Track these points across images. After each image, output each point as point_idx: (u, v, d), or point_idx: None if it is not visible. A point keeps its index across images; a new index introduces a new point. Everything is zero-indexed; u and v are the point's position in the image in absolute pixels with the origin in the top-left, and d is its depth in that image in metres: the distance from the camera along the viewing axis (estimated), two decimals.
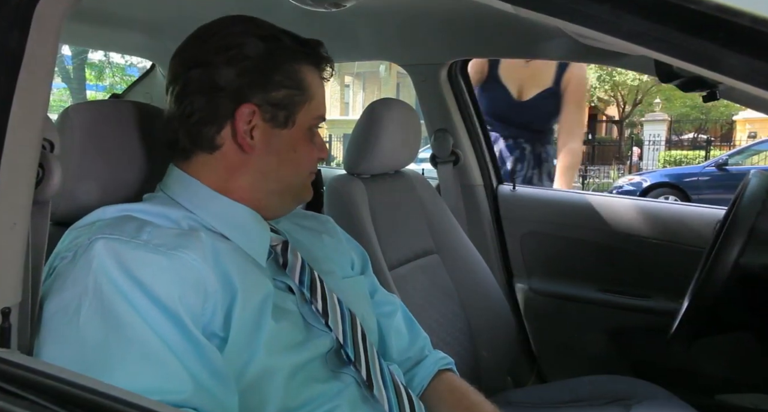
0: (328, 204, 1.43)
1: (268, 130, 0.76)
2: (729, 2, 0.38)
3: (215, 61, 0.74)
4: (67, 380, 0.53)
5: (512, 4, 0.48)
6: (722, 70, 0.42)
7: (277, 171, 0.79)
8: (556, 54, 1.70)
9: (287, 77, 0.77)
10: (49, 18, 0.61)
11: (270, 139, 0.77)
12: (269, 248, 0.79)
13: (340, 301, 0.80)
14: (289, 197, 0.82)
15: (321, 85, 0.82)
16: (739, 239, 0.92)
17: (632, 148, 15.17)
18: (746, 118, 14.09)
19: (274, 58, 0.76)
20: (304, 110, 0.78)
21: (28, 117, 0.61)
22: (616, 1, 0.42)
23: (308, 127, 0.80)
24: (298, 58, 0.78)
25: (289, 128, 0.78)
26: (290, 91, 0.77)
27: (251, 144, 0.76)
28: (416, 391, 0.89)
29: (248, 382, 0.67)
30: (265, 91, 0.75)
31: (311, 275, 0.80)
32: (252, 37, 0.76)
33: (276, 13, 0.76)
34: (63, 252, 0.67)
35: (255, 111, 0.75)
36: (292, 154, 0.79)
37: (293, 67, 0.77)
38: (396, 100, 1.48)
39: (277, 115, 0.76)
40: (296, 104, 0.78)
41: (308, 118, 0.79)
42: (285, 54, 0.77)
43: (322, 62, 0.81)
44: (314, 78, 0.80)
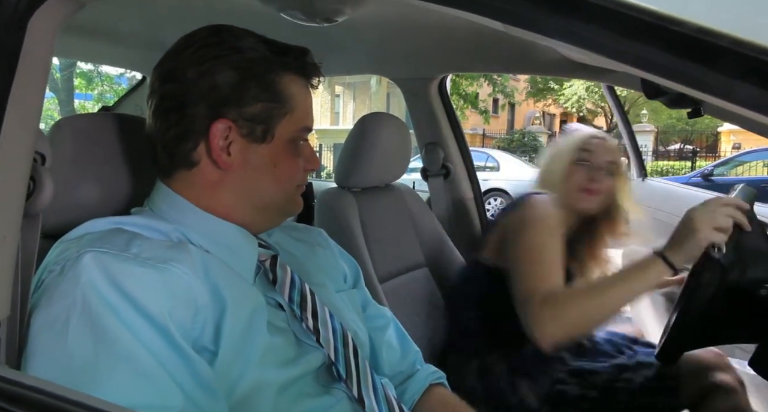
0: (318, 217, 1.44)
1: (245, 145, 0.73)
2: (710, 25, 0.39)
3: (188, 76, 0.72)
4: (55, 394, 0.52)
5: (503, 22, 0.49)
6: (703, 89, 0.43)
7: (257, 187, 0.76)
8: (545, 69, 1.72)
9: (264, 90, 0.73)
10: (44, 30, 0.61)
11: (248, 154, 0.74)
12: (258, 263, 0.78)
13: (331, 315, 0.79)
14: (274, 213, 0.80)
15: (306, 95, 0.78)
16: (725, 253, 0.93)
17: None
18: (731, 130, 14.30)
19: (250, 71, 0.73)
20: (285, 123, 0.75)
21: (20, 130, 0.61)
22: (603, 22, 0.44)
23: (290, 140, 0.76)
24: (277, 69, 0.75)
25: (268, 142, 0.74)
26: (267, 105, 0.73)
27: (227, 160, 0.73)
28: (408, 405, 0.89)
29: (239, 397, 0.67)
30: (240, 105, 0.72)
31: (302, 290, 0.78)
32: (227, 50, 0.72)
33: (268, 27, 0.76)
34: (51, 265, 0.66)
35: (230, 126, 0.72)
36: (273, 169, 0.75)
37: (271, 78, 0.74)
38: (386, 114, 1.49)
39: (255, 129, 0.73)
40: (275, 117, 0.74)
41: (290, 130, 0.76)
42: (261, 65, 0.74)
43: (306, 71, 0.77)
44: (297, 88, 0.76)
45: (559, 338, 1.12)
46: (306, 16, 1.18)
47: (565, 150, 1.37)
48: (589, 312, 1.09)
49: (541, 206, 1.29)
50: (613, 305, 1.10)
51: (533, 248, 1.21)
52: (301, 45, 0.78)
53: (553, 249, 1.22)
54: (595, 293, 1.10)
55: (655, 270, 1.04)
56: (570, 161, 1.35)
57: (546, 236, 1.23)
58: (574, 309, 1.09)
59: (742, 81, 0.41)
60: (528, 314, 1.12)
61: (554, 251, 1.21)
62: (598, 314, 1.10)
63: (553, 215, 1.27)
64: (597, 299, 1.09)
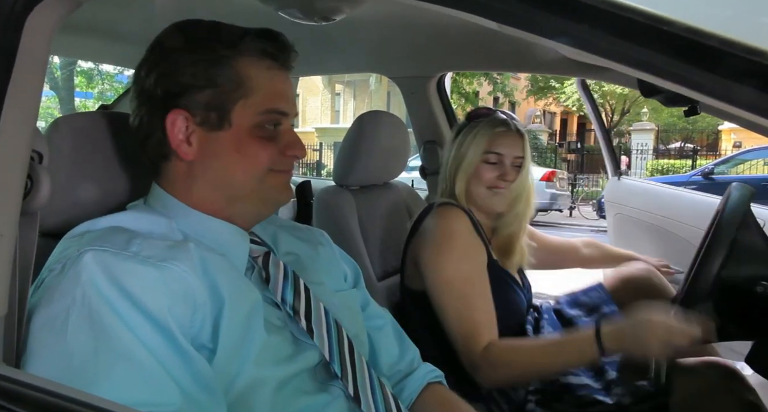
0: (317, 215, 1.44)
1: (204, 134, 0.73)
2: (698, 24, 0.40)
3: (143, 70, 0.74)
4: (53, 392, 0.53)
5: (496, 22, 0.50)
6: (696, 88, 0.43)
7: (225, 176, 0.74)
8: (543, 68, 1.72)
9: (213, 75, 0.72)
10: (41, 28, 0.62)
11: (208, 143, 0.73)
12: (251, 260, 0.78)
13: (327, 313, 0.79)
14: (255, 202, 0.77)
15: (271, 77, 0.75)
16: (720, 251, 0.94)
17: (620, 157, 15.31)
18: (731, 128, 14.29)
19: (196, 59, 0.72)
20: (241, 107, 0.73)
21: (17, 128, 0.61)
22: (593, 21, 0.44)
23: (253, 125, 0.74)
24: (230, 54, 0.73)
25: (227, 129, 0.73)
26: (216, 91, 0.72)
27: (188, 151, 0.73)
28: (406, 403, 0.89)
29: (237, 394, 0.67)
30: (189, 94, 0.72)
31: (295, 288, 0.78)
32: (174, 42, 0.74)
33: (265, 25, 0.76)
34: (52, 264, 0.67)
35: (186, 117, 0.72)
36: (236, 155, 0.73)
37: (221, 62, 0.72)
38: (385, 112, 1.49)
39: (209, 117, 0.72)
40: (227, 102, 0.72)
41: (249, 114, 0.73)
42: (208, 51, 0.72)
43: (268, 52, 0.74)
44: (256, 70, 0.74)
45: (499, 385, 1.16)
46: (304, 14, 1.18)
47: (472, 150, 1.29)
48: (526, 372, 1.14)
49: (448, 221, 1.23)
50: (550, 370, 1.15)
51: (454, 280, 1.17)
52: (298, 43, 0.78)
53: (473, 276, 1.18)
54: (534, 358, 1.12)
55: (590, 349, 1.05)
56: (478, 162, 1.28)
57: (462, 262, 1.19)
58: (512, 368, 1.12)
59: (733, 81, 0.41)
60: (467, 359, 1.14)
61: (475, 277, 1.18)
62: (536, 373, 1.16)
63: (462, 232, 1.21)
64: (534, 364, 1.12)
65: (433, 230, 1.23)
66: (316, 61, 1.98)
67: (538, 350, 1.14)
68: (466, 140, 1.30)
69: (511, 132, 1.30)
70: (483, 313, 1.15)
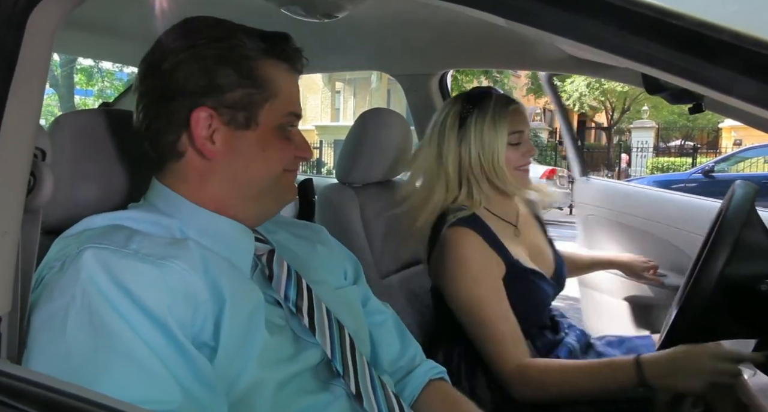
0: (319, 213, 1.44)
1: (229, 133, 0.73)
2: (710, 18, 0.39)
3: (164, 67, 0.72)
4: (55, 388, 0.53)
5: (504, 18, 0.49)
6: (704, 83, 0.43)
7: (246, 174, 0.75)
8: (546, 65, 1.72)
9: (242, 76, 0.73)
10: (44, 26, 0.61)
11: (233, 142, 0.74)
12: (255, 258, 0.78)
13: (329, 311, 0.79)
14: (268, 200, 0.79)
15: (290, 80, 0.77)
16: (724, 249, 0.93)
17: (621, 155, 15.32)
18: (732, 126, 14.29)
19: (226, 58, 0.72)
20: (268, 108, 0.74)
21: (20, 125, 0.61)
22: (604, 17, 0.43)
23: (277, 126, 0.76)
24: (255, 54, 0.74)
25: (253, 129, 0.74)
26: (247, 91, 0.73)
27: (213, 149, 0.73)
28: (408, 400, 0.89)
29: (238, 394, 0.67)
30: (219, 93, 0.72)
31: (298, 287, 0.78)
32: (202, 39, 0.73)
33: (267, 23, 0.76)
34: (51, 262, 0.67)
35: (212, 114, 0.72)
36: (261, 154, 0.75)
37: (249, 64, 0.73)
38: (387, 109, 1.49)
39: (237, 116, 0.73)
40: (256, 103, 0.74)
41: (275, 116, 0.75)
42: (238, 52, 0.73)
43: (287, 55, 0.76)
44: (279, 73, 0.75)
45: (534, 402, 1.13)
46: (306, 11, 1.17)
47: (497, 135, 1.19)
48: (562, 393, 1.10)
49: (460, 247, 1.17)
50: (584, 392, 1.09)
51: (470, 306, 1.15)
52: (300, 40, 0.78)
53: (488, 299, 1.14)
54: (568, 378, 1.09)
55: (628, 376, 1.01)
56: (506, 147, 1.19)
57: (475, 287, 1.14)
58: (546, 389, 1.10)
59: (743, 76, 0.41)
60: (498, 377, 1.12)
61: (490, 300, 1.14)
62: (570, 394, 1.10)
63: (472, 257, 1.16)
64: (568, 384, 1.08)
65: (447, 257, 1.18)
66: (317, 58, 1.96)
67: (573, 372, 1.09)
68: (485, 128, 1.19)
69: (520, 105, 1.24)
70: (504, 333, 1.12)
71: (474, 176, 1.21)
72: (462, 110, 1.22)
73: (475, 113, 1.20)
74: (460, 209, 1.21)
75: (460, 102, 1.24)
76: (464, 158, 1.21)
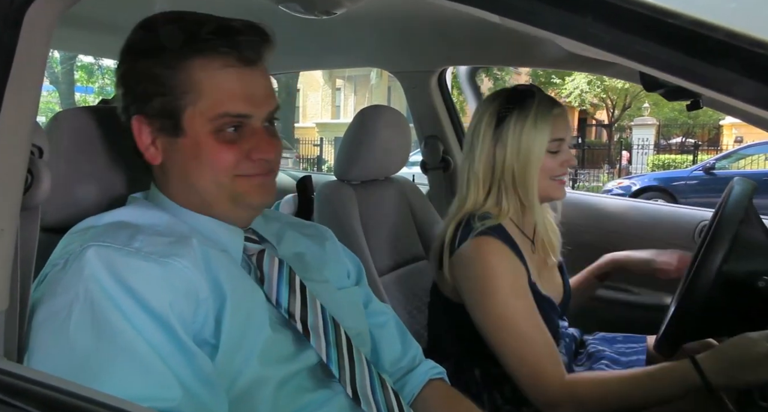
0: (318, 210, 1.44)
1: (166, 140, 0.73)
2: (705, 17, 0.39)
3: (116, 79, 0.76)
4: (54, 386, 0.53)
5: (499, 15, 0.49)
6: (700, 82, 0.43)
7: (189, 182, 0.73)
8: (545, 62, 1.71)
9: (155, 84, 0.71)
10: (41, 22, 0.61)
11: (169, 149, 0.73)
12: (246, 258, 0.77)
13: (324, 310, 0.78)
14: (228, 205, 0.75)
15: (223, 77, 0.70)
16: (722, 246, 0.93)
17: (621, 152, 15.29)
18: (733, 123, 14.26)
19: (149, 62, 0.71)
20: (191, 113, 0.70)
21: (17, 122, 0.61)
22: (597, 14, 0.43)
23: (211, 130, 0.70)
24: (179, 56, 0.70)
25: (183, 136, 0.71)
26: (164, 99, 0.71)
27: (154, 154, 0.74)
28: (407, 399, 0.89)
29: (239, 391, 0.67)
30: (142, 102, 0.72)
31: (290, 285, 0.77)
32: (133, 43, 0.74)
33: (266, 19, 0.75)
34: (55, 259, 0.67)
35: (144, 122, 0.73)
36: (193, 161, 0.72)
37: (171, 67, 0.70)
38: (386, 106, 1.49)
39: (165, 124, 0.72)
40: (177, 110, 0.70)
41: (203, 120, 0.70)
42: (161, 54, 0.70)
43: (216, 49, 0.70)
44: (206, 73, 0.70)
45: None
46: (305, 8, 1.17)
47: (537, 140, 1.09)
48: (621, 406, 1.01)
49: (490, 257, 1.07)
50: (644, 404, 1.00)
51: (506, 320, 1.05)
52: (299, 37, 0.77)
53: (525, 311, 1.05)
54: (626, 390, 1.00)
55: (690, 379, 0.94)
56: (545, 154, 1.10)
57: (511, 300, 1.05)
58: (604, 404, 1.01)
59: (739, 75, 0.41)
60: (542, 396, 1.03)
61: (527, 312, 1.06)
62: (628, 408, 1.01)
63: (506, 270, 1.07)
64: (628, 397, 1.00)
65: (476, 269, 1.08)
66: (316, 55, 1.97)
67: (630, 383, 1.01)
68: (524, 129, 1.08)
69: (565, 109, 1.13)
70: (544, 346, 1.04)
71: (504, 182, 1.12)
72: (501, 109, 1.12)
73: (515, 113, 1.10)
74: (486, 216, 1.11)
75: (500, 99, 1.14)
76: (498, 161, 1.11)
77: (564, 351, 1.19)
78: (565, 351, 1.19)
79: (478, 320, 1.08)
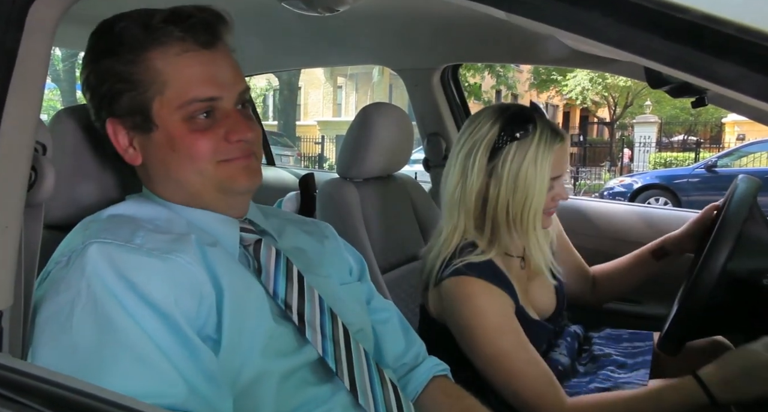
0: (320, 208, 1.44)
1: (141, 138, 0.72)
2: (715, 12, 0.39)
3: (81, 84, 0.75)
4: (58, 383, 0.53)
5: (505, 11, 0.49)
6: (708, 78, 0.43)
7: (172, 175, 0.73)
8: (549, 59, 1.71)
9: (118, 80, 0.70)
10: (43, 20, 0.61)
11: (146, 146, 0.72)
12: (242, 249, 0.77)
13: (322, 302, 0.78)
14: (215, 194, 0.74)
15: (185, 63, 0.69)
16: (726, 244, 0.93)
17: (623, 150, 15.28)
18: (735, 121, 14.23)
19: (111, 60, 0.70)
20: (159, 105, 0.70)
21: (20, 119, 0.61)
22: (605, 9, 0.43)
23: (182, 119, 0.70)
24: (137, 49, 0.69)
25: (156, 130, 0.71)
26: (130, 94, 0.70)
27: (134, 155, 0.73)
28: (411, 396, 0.89)
29: (242, 386, 0.67)
30: (110, 102, 0.71)
31: (288, 276, 0.76)
32: (88, 48, 0.73)
33: (269, 17, 0.75)
34: (58, 257, 0.68)
35: (118, 124, 0.72)
36: (172, 154, 0.71)
37: (132, 61, 0.69)
38: (388, 104, 1.48)
39: (136, 121, 0.71)
40: (144, 103, 0.70)
41: (171, 109, 0.69)
42: (121, 50, 0.70)
43: (171, 36, 0.69)
44: (165, 60, 0.69)
45: None
46: (307, 5, 1.17)
47: (539, 178, 1.01)
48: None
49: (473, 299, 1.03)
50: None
51: (496, 357, 1.02)
52: (301, 34, 0.77)
53: (514, 346, 1.02)
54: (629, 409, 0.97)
55: (696, 397, 0.92)
56: (544, 194, 1.03)
57: (498, 337, 1.02)
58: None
59: (747, 69, 0.40)
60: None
61: (516, 346, 1.02)
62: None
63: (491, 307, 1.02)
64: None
65: (459, 308, 1.04)
66: (318, 53, 1.97)
67: (635, 405, 0.98)
68: (522, 169, 1.00)
69: (567, 139, 1.05)
70: (538, 379, 1.01)
71: (497, 219, 1.05)
72: (497, 139, 1.02)
73: (514, 147, 1.01)
74: (470, 249, 1.06)
75: (497, 127, 1.03)
76: (491, 197, 1.04)
77: (566, 352, 1.17)
78: (566, 352, 1.18)
79: (467, 355, 1.06)
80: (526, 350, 1.03)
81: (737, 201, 1.00)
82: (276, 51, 1.86)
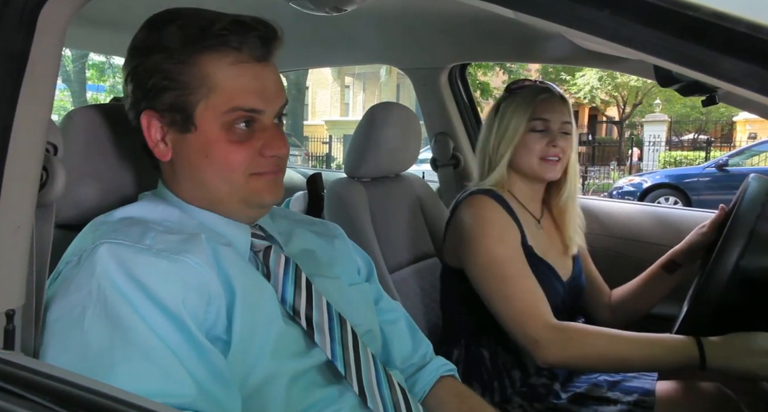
0: (328, 207, 1.44)
1: (176, 135, 0.72)
2: (726, 9, 0.39)
3: (124, 72, 0.75)
4: (69, 381, 0.53)
5: (513, 10, 0.49)
6: (720, 76, 0.42)
7: (199, 179, 0.73)
8: (556, 58, 1.70)
9: (166, 78, 0.70)
10: (54, 22, 0.62)
11: (180, 144, 0.72)
12: (252, 254, 0.77)
13: (330, 307, 0.78)
14: (237, 204, 0.75)
15: (235, 72, 0.70)
16: (738, 242, 0.93)
17: (632, 149, 15.17)
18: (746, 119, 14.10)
19: (160, 56, 0.70)
20: (203, 108, 0.70)
21: (32, 120, 0.62)
22: (615, 7, 0.43)
23: (221, 126, 0.70)
24: (191, 50, 0.70)
25: (194, 132, 0.71)
26: (175, 93, 0.70)
27: (163, 151, 0.73)
28: (419, 396, 0.89)
29: (252, 387, 0.67)
30: (153, 97, 0.71)
31: (296, 282, 0.77)
32: (143, 38, 0.73)
33: (277, 16, 0.75)
34: (69, 257, 0.68)
35: (155, 117, 0.72)
36: (204, 159, 0.71)
37: (183, 61, 0.70)
38: (396, 103, 1.48)
39: (176, 119, 0.71)
40: (188, 104, 0.70)
41: (215, 114, 0.70)
42: (173, 48, 0.70)
43: (229, 44, 0.70)
44: (216, 67, 0.70)
45: (561, 365, 1.09)
46: (315, 5, 1.17)
47: (515, 120, 1.22)
48: (600, 358, 1.02)
49: (480, 210, 1.18)
50: (628, 364, 1.03)
51: (492, 263, 1.12)
52: (309, 34, 0.77)
53: (512, 257, 1.13)
54: (614, 344, 1.02)
55: (687, 353, 0.96)
56: (524, 131, 1.21)
57: (498, 245, 1.13)
58: (586, 349, 1.03)
59: (759, 67, 0.40)
60: (526, 336, 1.06)
61: (514, 258, 1.13)
62: (610, 362, 1.03)
63: (495, 218, 1.17)
64: (613, 351, 1.01)
65: (467, 220, 1.19)
66: (326, 52, 1.97)
67: (622, 340, 1.02)
68: (509, 111, 1.23)
69: (555, 98, 1.23)
70: (530, 290, 1.09)
71: (497, 159, 1.24)
72: (501, 99, 1.28)
73: (507, 100, 1.26)
74: (478, 190, 1.23)
75: (505, 90, 1.31)
76: (490, 141, 1.26)
77: None
78: None
79: (470, 272, 1.17)
80: (523, 266, 1.13)
81: (749, 199, 0.99)
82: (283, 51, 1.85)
